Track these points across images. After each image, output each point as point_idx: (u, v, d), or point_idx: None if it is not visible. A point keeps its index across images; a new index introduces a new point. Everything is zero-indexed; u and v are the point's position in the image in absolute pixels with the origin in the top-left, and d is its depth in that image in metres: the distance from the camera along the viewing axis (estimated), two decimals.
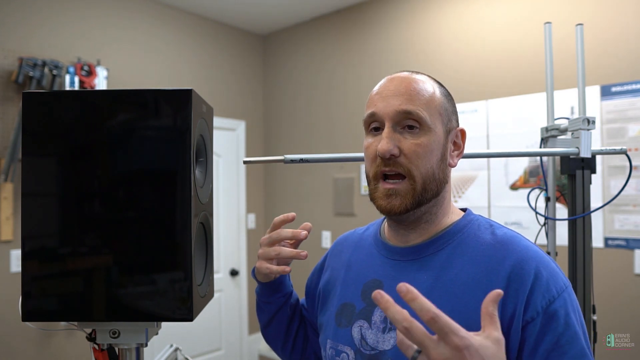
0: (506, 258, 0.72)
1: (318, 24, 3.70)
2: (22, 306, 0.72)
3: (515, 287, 0.70)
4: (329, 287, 0.92)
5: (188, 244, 0.72)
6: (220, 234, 3.68)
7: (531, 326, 0.68)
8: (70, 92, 0.75)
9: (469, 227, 0.80)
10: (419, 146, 0.74)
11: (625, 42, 2.36)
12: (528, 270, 0.70)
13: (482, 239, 0.77)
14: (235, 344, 3.79)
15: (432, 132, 0.75)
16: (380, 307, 0.55)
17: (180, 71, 3.46)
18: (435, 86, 0.80)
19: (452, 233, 0.79)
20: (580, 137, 1.36)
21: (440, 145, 0.77)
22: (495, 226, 0.80)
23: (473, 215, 0.83)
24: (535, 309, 0.68)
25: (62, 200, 0.74)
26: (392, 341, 0.75)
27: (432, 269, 0.76)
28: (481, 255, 0.75)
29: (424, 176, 0.75)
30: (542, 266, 0.71)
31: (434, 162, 0.76)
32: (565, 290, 0.71)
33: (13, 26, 2.62)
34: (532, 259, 0.72)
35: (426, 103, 0.76)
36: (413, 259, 0.79)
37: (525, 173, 2.64)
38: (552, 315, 0.68)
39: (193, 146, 0.73)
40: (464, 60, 2.90)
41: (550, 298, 0.69)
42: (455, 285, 0.73)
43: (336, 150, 3.42)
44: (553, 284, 0.70)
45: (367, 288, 0.82)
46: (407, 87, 0.76)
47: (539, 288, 0.69)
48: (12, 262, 2.56)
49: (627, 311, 2.29)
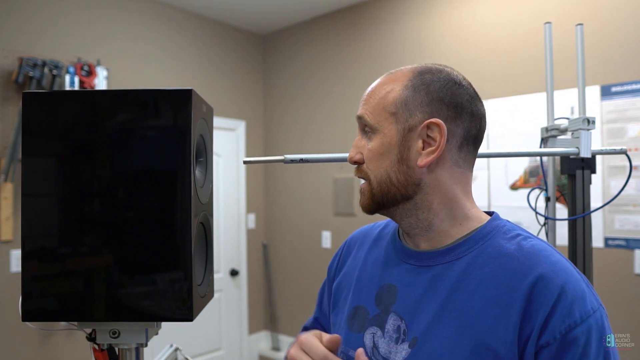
0: (530, 274, 0.65)
1: (318, 24, 3.70)
2: (22, 306, 0.72)
3: (536, 307, 0.63)
4: (342, 286, 0.89)
5: (188, 244, 0.72)
6: (220, 234, 3.68)
7: (546, 352, 0.61)
8: (70, 92, 0.75)
9: (493, 236, 0.72)
10: (370, 151, 0.74)
11: (625, 42, 2.36)
12: (552, 289, 0.63)
13: (505, 249, 0.70)
14: (235, 344, 3.79)
15: (379, 134, 0.72)
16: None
17: (180, 71, 3.46)
18: (404, 79, 0.73)
19: (473, 241, 0.72)
20: (580, 137, 1.36)
21: (393, 146, 0.71)
22: (523, 235, 0.72)
23: (499, 220, 0.75)
24: (552, 333, 0.61)
25: (62, 200, 0.74)
26: (404, 353, 0.71)
27: (448, 280, 0.71)
28: (503, 269, 0.68)
29: (379, 180, 0.73)
30: (569, 286, 0.63)
31: (388, 166, 0.72)
32: (592, 315, 0.62)
33: (13, 26, 2.62)
34: (559, 276, 0.64)
35: (375, 105, 0.73)
36: (429, 265, 0.74)
37: (525, 173, 2.64)
38: (571, 342, 0.60)
39: (193, 146, 0.73)
40: (464, 60, 2.90)
41: (572, 323, 0.61)
42: (472, 299, 0.68)
43: (336, 150, 3.42)
44: (578, 307, 0.62)
45: (382, 292, 0.79)
46: (370, 91, 0.76)
47: (560, 310, 0.61)
48: (12, 262, 2.56)
49: (627, 311, 2.29)
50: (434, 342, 0.69)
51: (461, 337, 0.66)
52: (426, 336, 0.70)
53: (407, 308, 0.74)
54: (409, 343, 0.71)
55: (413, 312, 0.73)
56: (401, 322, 0.74)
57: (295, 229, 3.82)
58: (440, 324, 0.69)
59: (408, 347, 0.71)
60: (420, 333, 0.70)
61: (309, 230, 3.71)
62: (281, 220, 3.93)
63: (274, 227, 4.00)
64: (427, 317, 0.71)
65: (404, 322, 0.73)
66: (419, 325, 0.71)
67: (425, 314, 0.71)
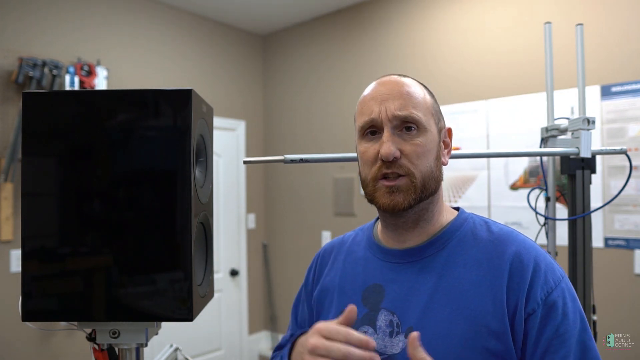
0: (505, 253, 0.75)
1: (318, 24, 3.70)
2: (22, 306, 0.72)
3: (517, 280, 0.72)
4: (323, 295, 0.89)
5: (188, 244, 0.72)
6: (220, 234, 3.68)
7: (533, 318, 0.70)
8: (70, 92, 0.75)
9: (466, 226, 0.81)
10: (419, 147, 0.76)
11: (625, 42, 2.36)
12: (527, 263, 0.73)
13: (479, 236, 0.79)
14: (235, 344, 3.79)
15: (428, 132, 0.78)
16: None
17: (180, 71, 3.46)
18: (423, 88, 0.83)
19: (450, 232, 0.81)
20: (580, 137, 1.36)
21: (436, 144, 0.79)
22: (490, 223, 0.82)
23: (467, 213, 0.85)
24: (535, 301, 0.70)
25: (62, 200, 0.74)
26: (400, 344, 0.74)
27: (434, 270, 0.77)
28: (482, 253, 0.76)
29: (424, 175, 0.76)
30: (539, 259, 0.74)
31: (432, 161, 0.78)
32: (562, 280, 0.74)
33: (13, 26, 2.62)
34: (530, 252, 0.75)
35: (420, 104, 0.78)
36: (413, 260, 0.80)
37: (525, 173, 2.64)
38: (551, 305, 0.70)
39: (193, 146, 0.73)
40: (464, 60, 2.90)
41: (549, 289, 0.71)
42: (460, 284, 0.74)
43: (336, 150, 3.42)
44: (550, 275, 0.73)
45: (368, 293, 0.81)
46: (401, 91, 0.78)
47: (538, 280, 0.72)
48: (12, 262, 2.56)
49: (627, 311, 2.29)
50: (429, 328, 0.72)
51: (456, 318, 0.72)
52: (421, 323, 0.73)
53: (396, 302, 0.77)
54: (404, 333, 0.75)
55: (403, 305, 0.76)
56: (393, 316, 0.77)
57: (295, 229, 3.82)
58: (432, 311, 0.74)
59: (404, 338, 0.74)
60: (415, 322, 0.74)
61: (309, 230, 3.71)
62: (281, 220, 3.93)
63: (274, 227, 4.00)
64: (418, 306, 0.75)
65: (396, 315, 0.76)
66: (411, 315, 0.75)
67: (416, 304, 0.75)
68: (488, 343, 0.70)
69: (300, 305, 0.99)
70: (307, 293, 0.96)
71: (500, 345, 0.69)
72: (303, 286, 0.99)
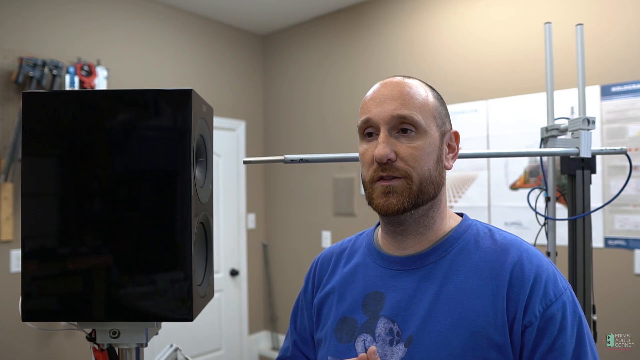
0: (507, 262, 0.73)
1: (318, 24, 3.70)
2: (22, 306, 0.72)
3: (517, 291, 0.70)
4: (323, 301, 0.89)
5: (188, 244, 0.72)
6: (220, 234, 3.68)
7: (529, 330, 0.69)
8: (70, 92, 0.75)
9: (469, 234, 0.80)
10: (416, 149, 0.74)
11: (625, 42, 2.36)
12: (528, 273, 0.71)
13: (482, 244, 0.77)
14: (235, 344, 3.79)
15: (427, 134, 0.75)
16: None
17: (180, 71, 3.46)
18: (428, 90, 0.80)
19: (453, 240, 0.79)
20: (580, 137, 1.36)
21: (436, 147, 0.77)
22: (494, 231, 0.80)
23: (470, 220, 0.83)
24: (533, 313, 0.69)
25: (62, 200, 0.74)
26: (400, 353, 0.73)
27: (435, 278, 0.76)
28: (484, 262, 0.75)
29: (421, 178, 0.74)
30: (541, 269, 0.72)
31: (431, 165, 0.76)
32: (564, 292, 0.71)
33: (13, 26, 2.62)
34: (532, 261, 0.73)
35: (420, 106, 0.76)
36: (414, 268, 0.78)
37: (525, 173, 2.64)
38: (549, 319, 0.69)
39: (193, 146, 0.73)
40: (464, 60, 2.90)
41: (548, 302, 0.69)
42: (461, 292, 0.73)
43: (336, 150, 3.42)
44: (552, 286, 0.71)
45: (368, 301, 0.80)
46: (401, 92, 0.76)
47: (537, 291, 0.70)
48: (12, 262, 2.56)
49: (627, 311, 2.29)
50: (430, 337, 0.71)
51: (456, 328, 0.70)
52: (421, 332, 0.72)
53: (397, 310, 0.76)
54: (404, 342, 0.73)
55: (404, 314, 0.75)
56: (393, 324, 0.75)
57: (295, 229, 3.82)
58: (433, 320, 0.72)
59: (404, 347, 0.73)
60: (415, 331, 0.73)
61: (309, 230, 3.71)
62: (281, 220, 3.93)
63: (274, 227, 4.00)
64: (419, 315, 0.74)
65: (396, 324, 0.75)
66: (412, 324, 0.74)
67: (417, 313, 0.74)
68: (488, 354, 0.69)
69: (299, 312, 0.98)
70: (306, 300, 0.95)
71: (501, 357, 0.69)
72: (302, 293, 0.98)
